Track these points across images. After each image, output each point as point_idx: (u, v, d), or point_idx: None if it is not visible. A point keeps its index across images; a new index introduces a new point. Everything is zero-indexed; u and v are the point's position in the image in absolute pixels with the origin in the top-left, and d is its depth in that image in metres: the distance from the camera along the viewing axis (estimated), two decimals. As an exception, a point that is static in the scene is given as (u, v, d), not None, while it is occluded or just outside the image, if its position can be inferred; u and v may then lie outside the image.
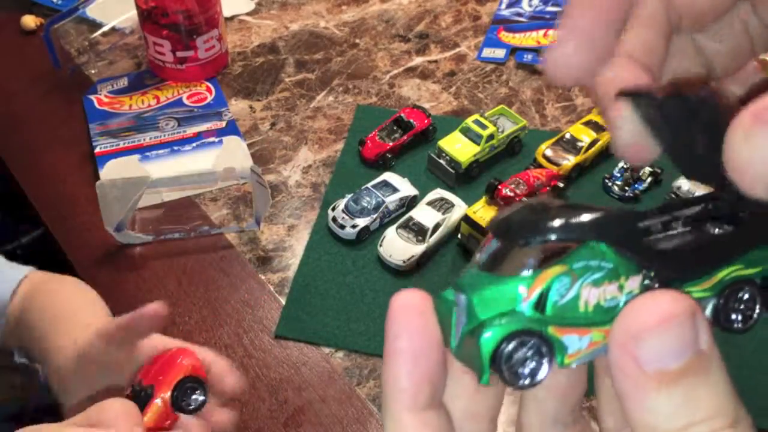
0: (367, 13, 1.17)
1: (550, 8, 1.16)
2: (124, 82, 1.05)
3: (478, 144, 0.87)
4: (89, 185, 0.85)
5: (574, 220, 0.21)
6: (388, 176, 0.88)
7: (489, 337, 0.21)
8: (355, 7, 1.18)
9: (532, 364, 0.22)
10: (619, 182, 0.87)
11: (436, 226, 0.81)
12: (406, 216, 0.83)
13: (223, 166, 0.85)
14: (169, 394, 0.52)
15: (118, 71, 1.08)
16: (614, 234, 0.22)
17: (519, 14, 1.15)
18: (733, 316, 0.23)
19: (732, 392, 0.20)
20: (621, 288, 0.22)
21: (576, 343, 0.22)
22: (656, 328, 0.20)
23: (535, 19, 1.14)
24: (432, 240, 0.80)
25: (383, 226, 0.84)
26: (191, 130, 0.97)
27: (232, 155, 0.94)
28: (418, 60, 1.09)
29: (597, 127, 0.90)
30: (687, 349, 0.19)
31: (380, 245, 0.81)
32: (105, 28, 1.10)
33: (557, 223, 0.21)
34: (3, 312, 0.73)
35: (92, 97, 1.03)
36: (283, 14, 1.17)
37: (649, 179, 0.87)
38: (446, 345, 0.23)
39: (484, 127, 0.88)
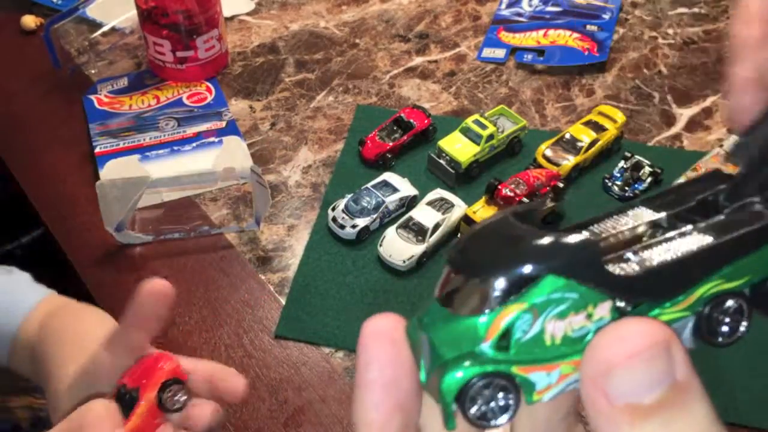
0: (367, 13, 1.17)
1: (550, 8, 1.16)
2: (124, 82, 1.05)
3: (478, 144, 0.87)
4: (89, 185, 0.85)
5: (530, 255, 0.20)
6: (388, 176, 0.88)
7: (451, 381, 0.21)
8: (355, 7, 1.18)
9: (500, 403, 0.21)
10: (619, 182, 0.87)
11: (436, 226, 0.81)
12: (406, 216, 0.83)
13: (223, 166, 0.85)
14: (155, 394, 0.53)
15: (118, 71, 1.08)
16: (573, 266, 0.20)
17: (519, 14, 1.15)
18: (720, 329, 0.22)
19: (714, 420, 0.19)
20: (590, 316, 0.21)
21: (544, 379, 0.21)
22: (626, 362, 0.19)
23: (535, 19, 1.14)
24: (432, 240, 0.80)
25: (383, 226, 0.84)
26: (191, 130, 0.97)
27: (232, 155, 0.94)
28: (418, 60, 1.09)
29: (597, 127, 0.90)
30: (661, 381, 0.19)
31: (380, 245, 0.81)
32: (105, 28, 1.10)
33: (513, 259, 0.20)
34: (14, 333, 0.70)
35: (92, 97, 1.03)
36: (283, 14, 1.17)
37: (649, 179, 0.87)
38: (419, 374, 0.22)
39: (484, 127, 0.88)
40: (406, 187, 0.86)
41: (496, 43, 1.10)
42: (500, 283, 0.20)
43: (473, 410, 0.21)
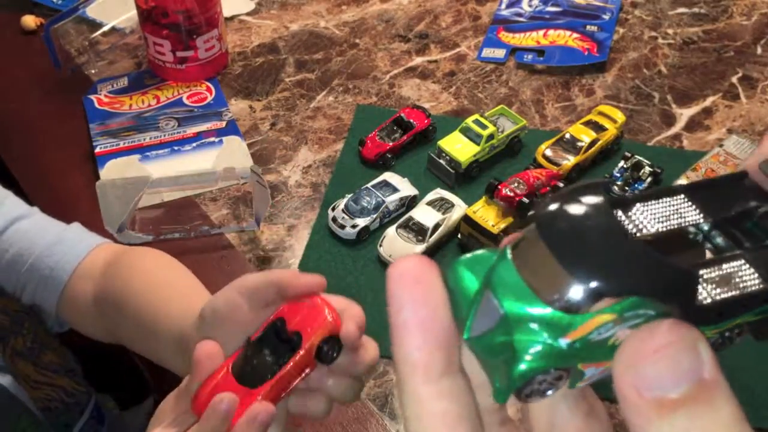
0: (367, 13, 1.17)
1: (549, 8, 1.16)
2: (124, 82, 1.05)
3: (478, 144, 0.87)
4: (89, 185, 0.85)
5: (630, 272, 0.20)
6: (388, 176, 0.88)
7: (523, 370, 0.21)
8: (355, 7, 1.18)
9: (548, 386, 0.22)
10: (619, 182, 0.87)
11: (436, 226, 0.81)
12: (406, 216, 0.83)
13: (223, 166, 0.85)
14: (316, 345, 0.51)
15: (119, 71, 1.08)
16: (667, 294, 0.21)
17: (519, 14, 1.15)
18: (725, 345, 0.23)
19: (740, 420, 0.20)
20: None
21: (593, 372, 0.22)
22: (652, 356, 0.20)
23: (535, 20, 1.14)
24: (432, 240, 0.80)
25: (383, 226, 0.84)
26: (191, 130, 0.98)
27: (232, 155, 0.94)
28: (418, 60, 1.09)
29: (597, 127, 0.90)
30: (687, 377, 0.19)
31: (380, 245, 0.81)
32: (105, 28, 1.10)
33: (613, 270, 0.20)
34: (66, 276, 0.72)
35: (92, 97, 1.03)
36: (283, 14, 1.18)
37: (649, 179, 0.87)
38: (459, 327, 0.22)
39: (484, 127, 0.88)
40: (406, 187, 0.86)
41: (496, 43, 1.10)
42: (597, 291, 0.20)
43: (527, 391, 0.22)
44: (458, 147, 0.88)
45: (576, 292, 0.20)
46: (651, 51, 1.09)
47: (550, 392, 0.22)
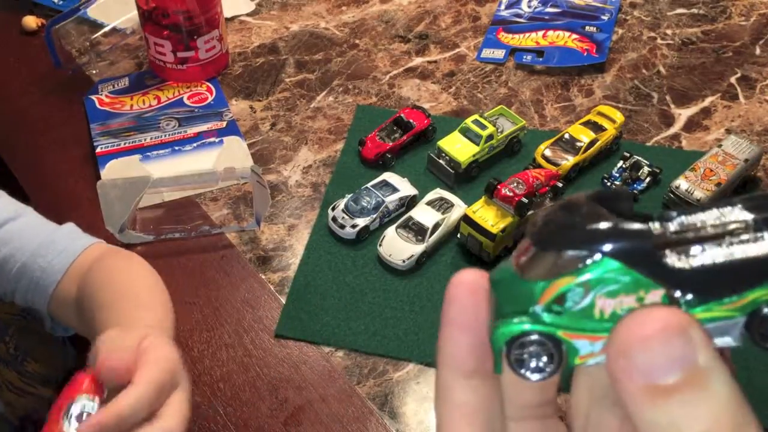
0: (367, 13, 1.18)
1: (549, 9, 1.16)
2: (125, 83, 1.05)
3: (478, 144, 0.87)
4: (90, 185, 0.86)
5: (589, 237, 0.22)
6: (388, 176, 0.88)
7: (501, 333, 0.23)
8: (355, 8, 1.19)
9: (542, 360, 0.23)
10: (618, 182, 0.88)
11: (436, 226, 0.81)
12: (406, 216, 0.83)
13: (223, 166, 0.85)
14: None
15: (119, 71, 1.08)
16: (626, 253, 0.22)
17: (518, 15, 1.16)
18: None
19: (739, 404, 0.20)
20: (640, 300, 0.22)
21: (587, 346, 0.23)
22: (642, 343, 0.20)
23: (534, 20, 1.14)
24: (431, 240, 0.81)
25: (383, 226, 0.84)
26: (192, 130, 0.98)
27: (232, 155, 0.94)
28: (417, 60, 1.09)
29: (596, 127, 0.90)
30: (678, 363, 0.20)
31: (380, 245, 0.81)
32: (106, 29, 1.10)
33: (574, 238, 0.22)
34: (57, 277, 0.72)
35: (93, 97, 1.03)
36: (283, 15, 1.18)
37: (648, 179, 0.88)
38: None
39: (483, 127, 0.88)
40: (405, 187, 0.87)
41: (496, 44, 1.10)
42: (559, 257, 0.22)
43: (518, 362, 0.23)
44: (458, 147, 0.88)
45: (540, 262, 0.23)
46: (650, 51, 1.09)
47: (545, 371, 0.23)
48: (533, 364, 0.23)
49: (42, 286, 0.73)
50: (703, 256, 0.22)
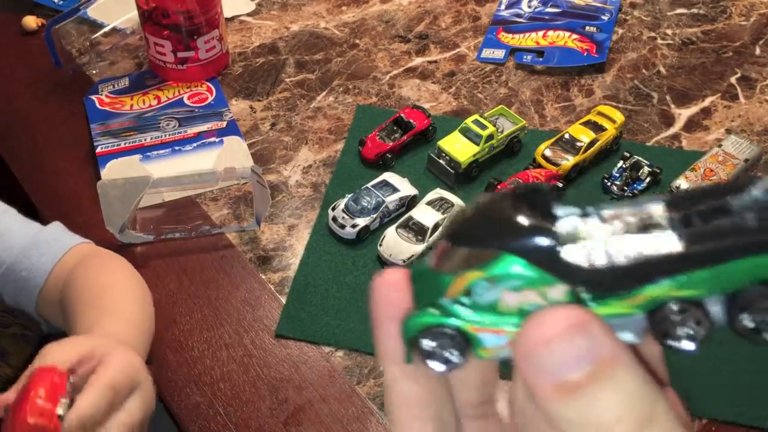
0: (367, 13, 1.18)
1: (549, 9, 1.17)
2: (125, 83, 1.05)
3: (478, 144, 0.88)
4: (90, 185, 0.86)
5: (495, 233, 0.23)
6: (388, 176, 0.88)
7: (409, 323, 0.24)
8: (355, 8, 1.19)
9: (450, 352, 0.24)
10: (618, 182, 0.88)
11: (436, 226, 0.81)
12: (406, 216, 0.83)
13: (223, 166, 0.85)
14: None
15: (119, 71, 1.08)
16: (526, 250, 0.22)
17: (518, 15, 1.16)
18: (675, 334, 0.22)
19: (648, 390, 0.20)
20: (543, 295, 0.22)
21: (492, 339, 0.23)
22: (545, 344, 0.20)
23: (534, 20, 1.14)
24: (432, 240, 0.81)
25: (383, 226, 0.84)
26: (192, 130, 0.98)
27: (232, 155, 0.94)
28: (417, 60, 1.09)
29: (596, 127, 0.90)
30: (582, 359, 0.20)
31: (380, 245, 0.81)
32: (106, 29, 1.10)
33: (482, 235, 0.23)
34: (43, 278, 0.73)
35: (93, 97, 1.03)
36: (283, 15, 1.18)
37: (648, 179, 0.88)
38: None
39: (483, 127, 0.88)
40: (406, 187, 0.87)
41: (496, 44, 1.10)
42: (466, 253, 0.23)
43: (426, 353, 0.24)
44: (458, 147, 0.88)
45: (451, 257, 0.23)
46: (650, 51, 1.09)
47: (452, 362, 0.24)
48: (440, 356, 0.24)
49: (28, 288, 0.73)
50: (602, 253, 0.22)
